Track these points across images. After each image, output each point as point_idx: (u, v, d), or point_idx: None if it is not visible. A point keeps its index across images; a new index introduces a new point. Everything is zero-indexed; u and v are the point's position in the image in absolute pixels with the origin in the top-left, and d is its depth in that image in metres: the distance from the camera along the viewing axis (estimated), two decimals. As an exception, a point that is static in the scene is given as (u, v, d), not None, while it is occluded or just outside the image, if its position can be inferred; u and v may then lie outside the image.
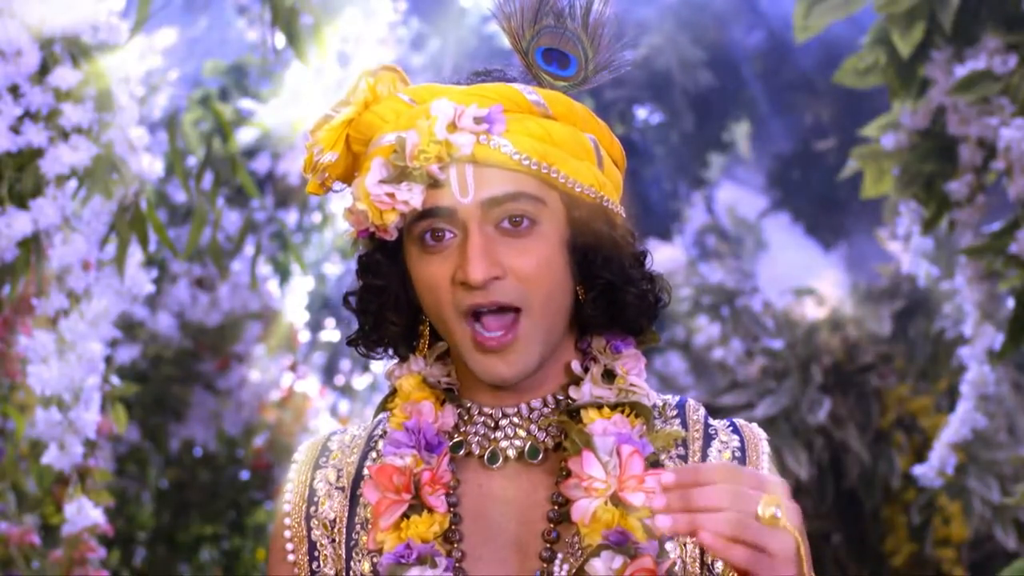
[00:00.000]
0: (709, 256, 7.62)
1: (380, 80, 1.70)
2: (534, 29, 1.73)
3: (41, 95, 3.11)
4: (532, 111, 1.68)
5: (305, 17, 3.78)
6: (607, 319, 1.73)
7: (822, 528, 6.11)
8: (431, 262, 1.67)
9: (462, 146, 1.64)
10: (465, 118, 1.65)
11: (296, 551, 1.78)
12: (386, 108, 1.68)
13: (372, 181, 1.65)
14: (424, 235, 1.67)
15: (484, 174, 1.65)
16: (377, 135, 1.67)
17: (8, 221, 3.07)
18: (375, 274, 1.74)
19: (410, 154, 1.63)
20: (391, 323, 1.74)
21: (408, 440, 1.71)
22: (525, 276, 1.66)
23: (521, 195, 1.65)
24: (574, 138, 1.69)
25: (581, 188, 1.68)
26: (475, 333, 1.66)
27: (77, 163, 3.10)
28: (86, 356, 3.16)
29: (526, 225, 1.66)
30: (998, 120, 3.75)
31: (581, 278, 1.72)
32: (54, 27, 3.14)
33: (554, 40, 1.74)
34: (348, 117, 1.69)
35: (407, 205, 1.64)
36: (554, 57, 1.74)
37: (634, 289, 1.71)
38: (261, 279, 5.90)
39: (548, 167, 1.66)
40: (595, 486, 1.65)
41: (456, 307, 1.67)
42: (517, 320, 1.66)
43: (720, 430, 1.77)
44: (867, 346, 6.19)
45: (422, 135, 1.64)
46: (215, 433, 6.07)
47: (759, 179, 8.98)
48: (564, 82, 1.74)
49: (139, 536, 6.18)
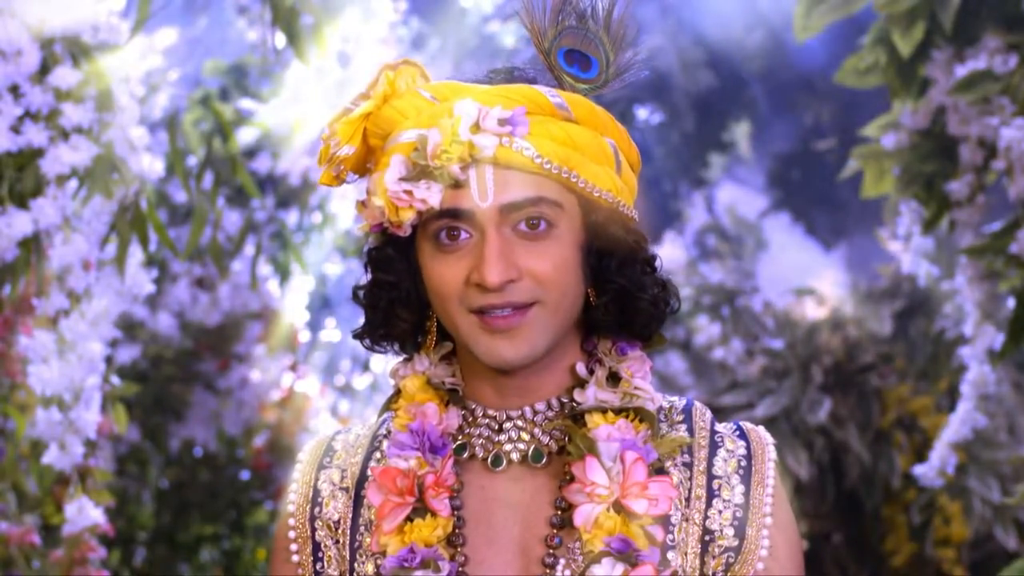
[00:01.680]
0: (709, 256, 7.61)
1: (400, 74, 1.70)
2: (556, 29, 1.72)
3: (41, 95, 3.11)
4: (555, 114, 1.68)
5: (305, 17, 3.78)
6: (617, 323, 1.72)
7: (822, 528, 6.11)
8: (445, 261, 1.67)
9: (485, 148, 1.63)
10: (489, 120, 1.64)
11: (300, 552, 1.77)
12: (406, 104, 1.67)
13: (391, 178, 1.64)
14: (439, 233, 1.66)
15: (505, 177, 1.65)
16: (396, 130, 1.67)
17: (8, 221, 3.07)
18: (385, 269, 1.72)
19: (432, 153, 1.63)
20: (401, 319, 1.73)
21: (412, 442, 1.70)
22: (540, 278, 1.65)
23: (540, 199, 1.65)
24: (594, 142, 1.69)
25: (599, 193, 1.68)
26: (481, 320, 1.66)
27: (77, 163, 3.10)
28: (86, 356, 3.16)
29: (543, 228, 1.66)
30: (998, 120, 3.75)
31: (593, 281, 1.71)
32: (54, 27, 3.14)
33: (576, 41, 1.73)
34: (367, 110, 1.68)
35: (425, 204, 1.63)
36: (576, 59, 1.73)
37: (646, 295, 1.71)
38: (261, 279, 5.90)
39: (569, 172, 1.66)
40: (598, 492, 1.65)
41: (465, 304, 1.66)
42: (529, 308, 1.66)
43: (726, 436, 1.75)
44: (867, 346, 6.18)
45: (445, 135, 1.63)
46: (215, 433, 6.08)
47: (759, 179, 8.97)
48: (585, 84, 1.73)
49: (139, 536, 6.18)
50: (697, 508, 1.71)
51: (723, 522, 1.70)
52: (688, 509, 1.71)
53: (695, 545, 1.70)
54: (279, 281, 6.02)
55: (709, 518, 1.71)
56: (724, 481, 1.72)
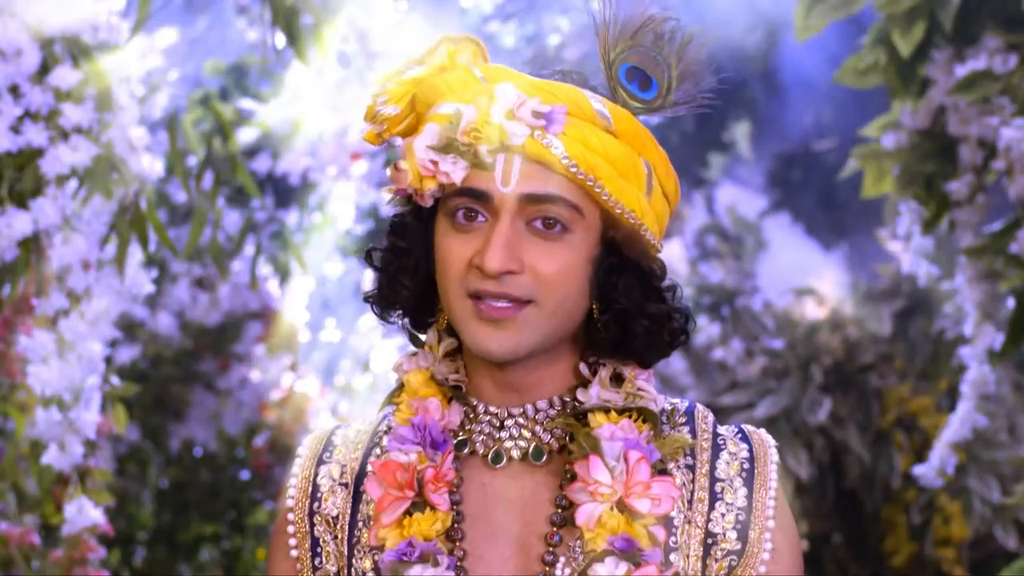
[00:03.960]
0: (709, 256, 7.60)
1: (461, 49, 1.70)
2: (627, 44, 1.72)
3: (41, 95, 3.11)
4: (594, 121, 1.67)
5: (305, 17, 3.78)
6: (614, 343, 1.71)
7: (822, 528, 6.11)
8: (457, 239, 1.67)
9: (515, 135, 1.63)
10: (524, 109, 1.64)
11: (299, 547, 1.77)
12: (456, 78, 1.68)
13: (421, 145, 1.64)
14: (457, 212, 1.67)
15: (530, 169, 1.64)
16: (440, 100, 1.67)
17: (8, 221, 3.07)
18: (401, 236, 1.73)
19: (463, 129, 1.63)
20: (404, 286, 1.73)
21: (413, 436, 1.70)
22: (543, 277, 1.65)
23: (560, 199, 1.64)
24: (629, 159, 1.68)
25: (622, 210, 1.67)
26: (476, 305, 1.66)
27: (77, 163, 3.10)
28: (86, 356, 3.16)
29: (558, 230, 1.65)
30: (998, 120, 3.75)
31: (599, 298, 1.71)
32: (54, 27, 3.14)
33: (643, 60, 1.72)
34: (419, 76, 1.69)
35: (447, 177, 1.64)
36: (637, 76, 1.73)
37: (646, 322, 1.70)
38: (261, 279, 5.91)
39: (594, 180, 1.65)
40: (601, 491, 1.65)
41: (463, 287, 1.66)
42: (525, 305, 1.66)
43: (729, 439, 1.75)
44: (867, 346, 6.18)
45: (479, 113, 1.63)
46: (215, 433, 6.08)
47: (759, 179, 8.97)
48: (640, 104, 1.72)
49: (139, 536, 6.19)
50: (700, 510, 1.71)
51: (726, 525, 1.70)
52: (691, 511, 1.71)
53: (697, 548, 1.70)
54: (279, 281, 6.03)
55: (712, 521, 1.71)
56: (727, 484, 1.72)
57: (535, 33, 6.57)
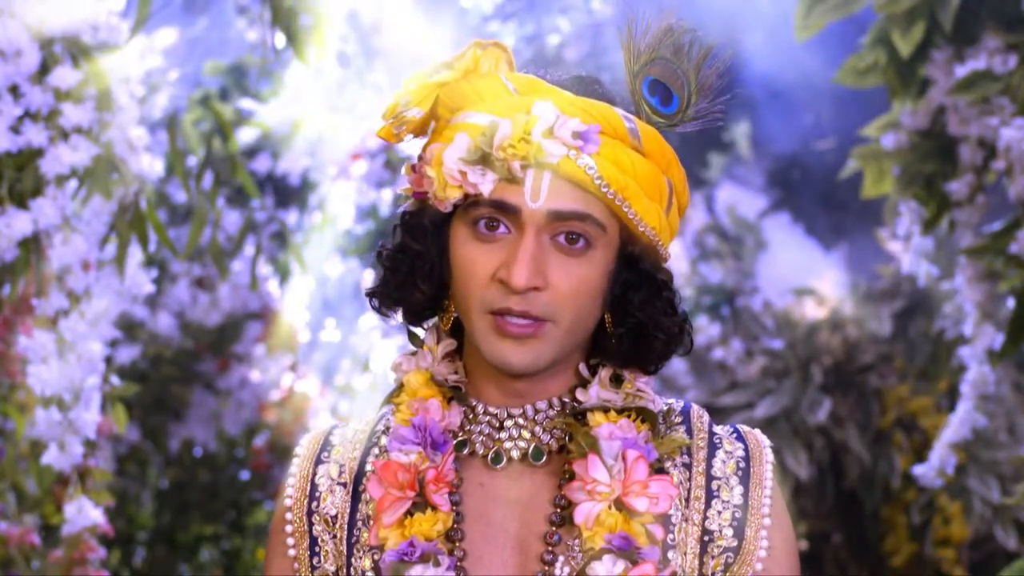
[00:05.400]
0: (709, 256, 7.61)
1: (487, 55, 1.70)
2: (650, 56, 1.72)
3: (41, 95, 3.11)
4: (626, 140, 1.68)
5: (305, 17, 3.78)
6: (627, 355, 1.73)
7: (822, 528, 6.11)
8: (478, 250, 1.67)
9: (552, 155, 1.64)
10: (564, 129, 1.65)
11: (297, 546, 1.77)
12: (485, 85, 1.68)
13: (451, 155, 1.65)
14: (479, 221, 1.67)
15: (560, 186, 1.65)
16: (467, 108, 1.67)
17: (8, 221, 3.07)
18: (415, 238, 1.72)
19: (498, 143, 1.64)
20: (419, 290, 1.73)
21: (414, 437, 1.71)
22: (564, 294, 1.66)
23: (588, 217, 1.66)
24: (654, 178, 1.70)
25: (644, 227, 1.68)
26: (497, 321, 1.66)
27: (77, 163, 3.10)
28: (86, 356, 3.16)
29: (581, 245, 1.67)
30: (998, 120, 3.75)
31: (612, 310, 1.72)
32: (54, 27, 3.14)
33: (664, 73, 1.73)
34: (445, 80, 1.68)
35: (475, 189, 1.64)
36: (658, 90, 1.73)
37: (662, 335, 1.72)
38: (261, 279, 5.90)
39: (623, 200, 1.66)
40: (599, 490, 1.66)
41: (485, 302, 1.67)
42: (544, 324, 1.67)
43: (724, 438, 1.76)
44: (867, 346, 6.18)
45: (516, 129, 1.64)
46: (215, 433, 6.08)
47: (759, 179, 8.97)
48: (661, 118, 1.73)
49: (139, 536, 6.19)
50: (696, 508, 1.72)
51: (722, 523, 1.71)
52: (687, 509, 1.72)
53: (694, 545, 1.71)
54: (279, 281, 6.02)
55: (708, 518, 1.72)
56: (723, 482, 1.73)
57: (535, 33, 6.57)
